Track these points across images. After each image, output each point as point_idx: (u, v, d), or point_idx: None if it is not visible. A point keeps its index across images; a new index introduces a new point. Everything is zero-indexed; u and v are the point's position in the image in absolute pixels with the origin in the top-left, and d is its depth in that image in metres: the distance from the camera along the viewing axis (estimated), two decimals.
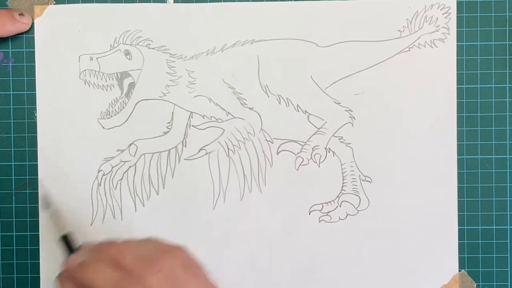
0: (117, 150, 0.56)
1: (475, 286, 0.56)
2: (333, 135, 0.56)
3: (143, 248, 0.43)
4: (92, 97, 0.56)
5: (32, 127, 0.56)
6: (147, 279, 0.41)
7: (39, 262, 0.56)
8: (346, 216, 0.56)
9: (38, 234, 0.56)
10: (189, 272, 0.43)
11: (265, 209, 0.55)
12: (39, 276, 0.56)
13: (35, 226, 0.56)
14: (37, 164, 0.56)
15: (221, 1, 0.56)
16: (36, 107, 0.56)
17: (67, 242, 0.48)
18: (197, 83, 0.56)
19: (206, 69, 0.56)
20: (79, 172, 0.56)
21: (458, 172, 0.56)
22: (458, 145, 0.56)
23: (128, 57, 0.56)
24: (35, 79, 0.56)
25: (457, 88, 0.56)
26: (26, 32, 0.55)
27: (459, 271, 0.56)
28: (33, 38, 0.56)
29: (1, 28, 0.54)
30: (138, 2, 0.56)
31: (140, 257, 0.42)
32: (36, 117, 0.56)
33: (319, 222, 0.56)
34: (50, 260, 0.56)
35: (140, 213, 0.55)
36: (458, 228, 0.56)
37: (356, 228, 0.56)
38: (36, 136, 0.56)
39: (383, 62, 0.56)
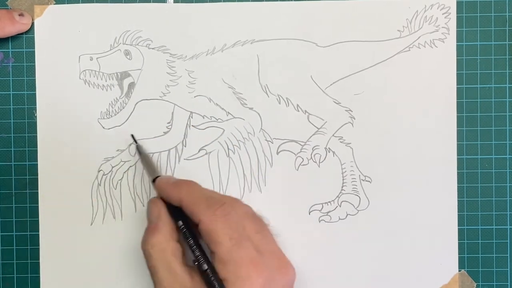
0: (117, 150, 0.56)
1: (475, 286, 0.56)
2: (333, 135, 0.56)
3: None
4: (92, 97, 0.56)
5: (32, 127, 0.56)
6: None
7: (39, 262, 0.56)
8: (346, 216, 0.56)
9: (38, 234, 0.56)
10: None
11: (265, 209, 0.55)
12: (39, 276, 0.56)
13: (35, 226, 0.56)
14: (37, 164, 0.56)
15: (221, 1, 0.56)
16: (36, 107, 0.56)
17: None
18: (197, 83, 0.56)
19: (206, 69, 0.56)
20: (79, 172, 0.56)
21: (458, 172, 0.56)
22: (458, 145, 0.56)
23: (128, 57, 0.56)
24: (35, 79, 0.56)
25: (457, 88, 0.56)
26: (26, 32, 0.55)
27: (459, 271, 0.56)
28: (33, 38, 0.56)
29: (0, 30, 0.54)
30: (138, 2, 0.56)
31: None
32: (36, 117, 0.56)
33: (319, 222, 0.56)
34: (50, 260, 0.56)
35: (140, 213, 0.55)
36: (458, 228, 0.56)
37: (356, 228, 0.56)
38: (36, 136, 0.56)
39: (383, 62, 0.56)
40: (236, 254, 0.47)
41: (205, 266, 0.48)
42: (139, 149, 0.55)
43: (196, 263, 0.48)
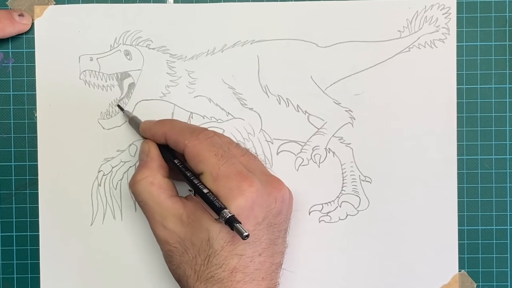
0: (117, 151, 0.56)
1: (475, 286, 0.56)
2: (333, 135, 0.56)
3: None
4: (92, 97, 0.56)
5: (32, 127, 0.56)
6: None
7: (39, 262, 0.56)
8: (346, 216, 0.56)
9: (38, 234, 0.56)
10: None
11: None
12: (39, 276, 0.56)
13: (35, 226, 0.56)
14: (37, 164, 0.56)
15: (221, 1, 0.56)
16: (36, 107, 0.56)
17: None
18: (197, 84, 0.56)
19: (206, 69, 0.56)
20: (79, 172, 0.56)
21: (458, 172, 0.56)
22: (458, 145, 0.56)
23: (128, 57, 0.56)
24: (35, 79, 0.56)
25: (457, 88, 0.56)
26: (26, 33, 0.55)
27: (459, 271, 0.56)
28: (33, 38, 0.56)
29: (0, 30, 0.54)
30: (138, 2, 0.56)
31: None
32: (36, 117, 0.56)
33: (319, 222, 0.56)
34: (50, 260, 0.56)
35: (140, 213, 0.55)
36: (458, 229, 0.56)
37: (356, 228, 0.56)
38: (36, 136, 0.56)
39: (383, 62, 0.56)
40: (224, 168, 0.48)
41: (206, 190, 0.48)
42: (127, 114, 0.55)
43: (193, 192, 0.49)
